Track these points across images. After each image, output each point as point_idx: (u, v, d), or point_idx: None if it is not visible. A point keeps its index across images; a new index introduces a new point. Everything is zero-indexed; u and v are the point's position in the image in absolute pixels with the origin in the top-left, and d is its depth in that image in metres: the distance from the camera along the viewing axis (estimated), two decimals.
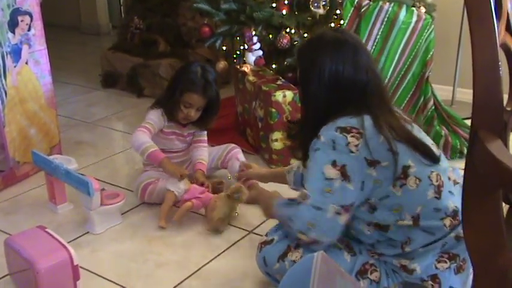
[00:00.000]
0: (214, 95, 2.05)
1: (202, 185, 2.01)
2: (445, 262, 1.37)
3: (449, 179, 1.39)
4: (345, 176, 1.31)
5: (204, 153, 2.19)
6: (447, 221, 1.35)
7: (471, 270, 1.43)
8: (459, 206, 1.26)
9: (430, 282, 1.38)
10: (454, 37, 2.96)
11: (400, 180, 1.32)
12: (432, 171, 1.35)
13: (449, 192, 1.37)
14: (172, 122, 2.12)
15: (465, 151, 2.44)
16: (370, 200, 1.35)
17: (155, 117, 2.08)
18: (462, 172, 1.43)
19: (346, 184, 1.31)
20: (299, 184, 1.81)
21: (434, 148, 1.40)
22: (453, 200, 1.37)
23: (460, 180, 1.39)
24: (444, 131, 2.43)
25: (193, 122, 2.12)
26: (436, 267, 1.37)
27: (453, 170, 1.44)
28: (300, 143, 1.48)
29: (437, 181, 1.35)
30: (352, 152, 1.30)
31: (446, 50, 2.98)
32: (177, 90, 2.03)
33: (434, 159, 1.34)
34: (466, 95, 3.00)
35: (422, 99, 2.36)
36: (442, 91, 2.85)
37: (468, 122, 2.53)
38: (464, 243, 1.34)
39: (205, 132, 2.22)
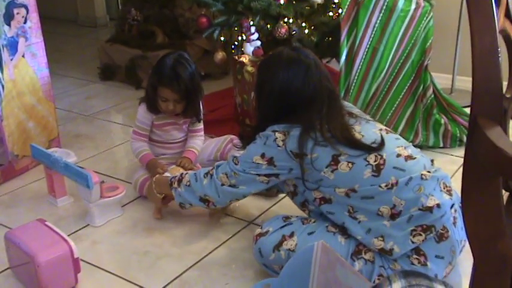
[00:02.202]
0: (188, 86, 1.97)
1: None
2: (420, 235, 1.42)
3: (398, 155, 1.49)
4: (271, 164, 1.55)
5: (197, 141, 2.17)
6: (383, 185, 1.44)
7: (463, 242, 1.47)
8: (405, 178, 1.44)
9: (415, 256, 1.43)
10: (453, 25, 2.94)
11: (331, 166, 1.49)
12: (370, 154, 1.48)
13: (395, 168, 1.47)
14: (161, 114, 2.10)
15: (465, 139, 2.44)
16: (308, 181, 1.54)
17: (141, 117, 2.09)
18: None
19: (272, 168, 1.56)
20: None
21: (378, 136, 1.52)
22: (398, 174, 1.46)
23: (417, 155, 1.53)
24: (444, 119, 2.42)
25: (180, 113, 2.08)
26: (413, 242, 1.42)
27: (406, 147, 1.55)
28: (250, 134, 1.66)
29: (375, 161, 1.47)
30: (279, 146, 1.53)
31: (445, 38, 2.96)
32: (151, 85, 2.02)
33: (368, 150, 1.49)
34: (465, 83, 2.99)
35: (421, 87, 2.35)
36: (441, 79, 2.84)
37: (468, 110, 2.53)
38: (437, 213, 1.41)
39: (201, 124, 2.19)
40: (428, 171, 1.49)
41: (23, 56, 2.22)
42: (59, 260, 1.51)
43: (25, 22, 2.19)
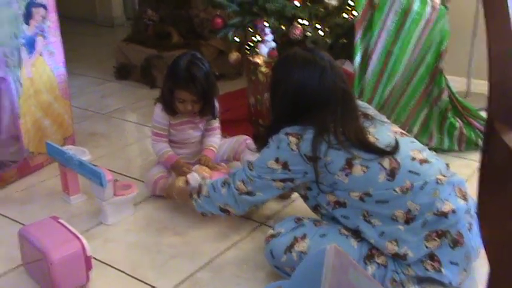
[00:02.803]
0: (204, 87, 1.98)
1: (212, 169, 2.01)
2: (435, 240, 1.41)
3: (413, 159, 1.48)
4: (285, 168, 1.55)
5: (215, 139, 2.17)
6: (398, 189, 1.44)
7: (478, 249, 1.44)
8: (420, 182, 1.43)
9: (429, 261, 1.42)
10: (468, 28, 2.92)
11: (345, 170, 1.49)
12: (384, 158, 1.47)
13: (410, 172, 1.46)
14: (178, 114, 2.10)
15: (480, 143, 2.41)
16: (322, 184, 1.53)
17: (158, 117, 2.09)
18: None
19: (287, 172, 1.55)
20: None
21: (392, 139, 1.51)
22: (411, 178, 1.45)
23: (432, 159, 1.52)
24: (459, 123, 2.40)
25: (197, 112, 2.08)
26: (427, 247, 1.41)
27: (421, 150, 1.54)
28: (262, 142, 1.66)
29: (390, 165, 1.47)
30: (292, 150, 1.52)
31: (461, 40, 2.94)
32: (167, 87, 2.02)
33: (383, 154, 1.48)
34: (480, 86, 2.96)
35: (436, 90, 2.33)
36: (456, 82, 2.81)
37: (483, 114, 2.50)
38: (451, 219, 1.40)
39: (217, 122, 2.19)
40: (444, 176, 1.47)
41: (41, 55, 2.24)
42: (71, 258, 1.52)
43: (44, 21, 2.21)
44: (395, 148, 1.49)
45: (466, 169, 2.21)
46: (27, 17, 2.14)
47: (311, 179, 1.56)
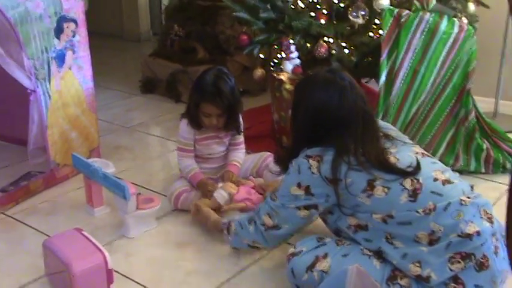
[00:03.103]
0: (230, 101, 2.00)
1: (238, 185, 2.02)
2: (459, 262, 1.38)
3: (435, 180, 1.47)
4: (308, 193, 1.54)
5: (239, 154, 2.18)
6: (421, 211, 1.42)
7: (507, 273, 1.41)
8: (443, 203, 1.41)
9: (453, 284, 1.39)
10: (496, 48, 2.88)
11: (366, 191, 1.48)
12: (405, 178, 1.46)
13: (432, 192, 1.44)
14: (203, 129, 2.11)
15: (508, 165, 2.37)
16: (344, 206, 1.53)
17: (184, 132, 2.10)
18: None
19: (310, 197, 1.54)
20: None
21: (413, 160, 1.50)
22: (434, 199, 1.43)
23: (455, 180, 1.49)
24: (486, 145, 2.36)
25: (222, 126, 2.09)
26: (451, 269, 1.38)
27: (444, 171, 1.52)
28: (284, 165, 1.67)
29: (412, 185, 1.46)
30: (313, 173, 1.52)
31: (489, 61, 2.90)
32: (193, 102, 2.04)
33: (403, 175, 1.47)
34: (509, 107, 2.92)
35: (463, 111, 2.30)
36: (484, 103, 2.77)
37: (511, 136, 2.46)
38: (476, 241, 1.37)
39: (242, 137, 2.20)
40: (468, 197, 1.45)
41: (70, 69, 2.29)
42: (93, 270, 1.54)
43: (74, 36, 2.26)
44: (417, 169, 1.48)
45: (493, 192, 2.17)
46: (58, 31, 2.19)
47: (333, 203, 1.55)
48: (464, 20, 2.32)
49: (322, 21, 2.36)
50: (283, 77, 2.55)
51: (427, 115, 2.30)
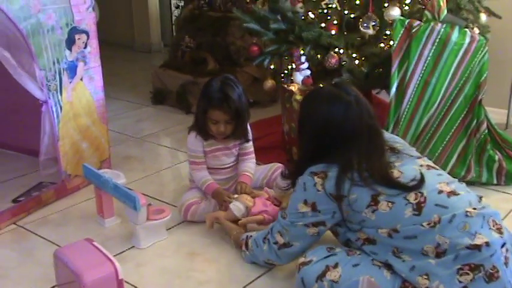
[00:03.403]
0: (238, 106, 1.99)
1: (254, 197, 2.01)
2: (468, 274, 1.36)
3: (440, 192, 1.46)
4: (315, 210, 1.56)
5: (250, 164, 2.18)
6: (425, 224, 1.41)
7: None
8: (447, 216, 1.40)
9: None
10: (509, 59, 2.87)
11: (371, 207, 1.48)
12: (409, 192, 1.46)
13: (437, 205, 1.43)
14: (212, 139, 2.12)
15: None
16: (351, 222, 1.54)
17: (192, 145, 2.11)
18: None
19: (316, 214, 1.56)
20: None
21: (417, 173, 1.49)
22: (439, 211, 1.42)
23: (461, 191, 1.47)
24: (498, 156, 2.34)
25: (230, 135, 2.09)
26: (460, 281, 1.36)
27: (449, 183, 1.51)
28: (292, 181, 1.68)
29: (415, 199, 1.45)
30: (318, 190, 1.53)
31: (501, 72, 2.89)
32: (200, 109, 2.04)
33: (406, 190, 1.46)
34: None
35: (474, 122, 2.28)
36: (496, 114, 2.76)
37: None
38: (486, 252, 1.35)
39: (251, 144, 2.19)
40: (474, 208, 1.43)
41: (81, 80, 2.31)
42: (104, 281, 1.53)
43: (85, 47, 2.29)
44: (421, 182, 1.47)
45: (506, 204, 2.15)
46: (70, 43, 2.21)
47: (339, 219, 1.57)
48: (476, 31, 2.31)
49: (333, 32, 2.36)
50: (293, 88, 2.56)
51: (438, 126, 2.29)
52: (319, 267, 1.54)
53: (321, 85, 1.71)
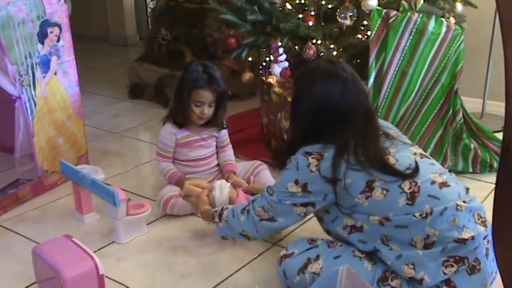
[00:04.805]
0: (221, 87, 2.05)
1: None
2: (452, 266, 1.38)
3: (432, 183, 1.44)
4: (305, 191, 1.50)
5: (229, 152, 2.23)
6: (417, 215, 1.40)
7: (494, 274, 1.43)
8: (439, 208, 1.39)
9: (445, 287, 1.39)
10: (484, 48, 2.91)
11: (365, 193, 1.44)
12: (404, 180, 1.43)
13: (430, 196, 1.42)
14: (187, 130, 2.12)
15: (495, 165, 2.39)
16: (342, 206, 1.49)
17: (164, 139, 2.14)
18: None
19: (307, 195, 1.51)
20: None
21: (412, 161, 1.47)
22: (432, 203, 1.41)
23: (452, 183, 1.47)
24: (473, 144, 2.38)
25: (208, 121, 2.11)
26: (444, 273, 1.38)
27: (442, 174, 1.49)
28: (281, 160, 1.61)
29: (410, 188, 1.42)
30: (312, 171, 1.47)
31: (476, 61, 2.93)
32: (184, 92, 2.05)
33: (402, 177, 1.44)
34: (496, 107, 2.94)
35: (451, 111, 2.31)
36: (471, 103, 2.80)
37: (498, 135, 2.48)
38: (470, 245, 1.37)
39: (227, 136, 2.22)
40: (464, 201, 1.43)
41: (55, 74, 2.27)
42: (84, 276, 1.52)
43: (58, 41, 2.24)
44: (415, 171, 1.45)
45: (481, 191, 2.18)
46: (42, 36, 2.17)
47: (331, 202, 1.51)
48: (452, 20, 2.33)
49: (310, 23, 2.36)
50: (271, 80, 2.55)
51: (416, 116, 2.31)
52: (301, 260, 1.54)
53: (314, 62, 1.63)
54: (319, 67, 1.57)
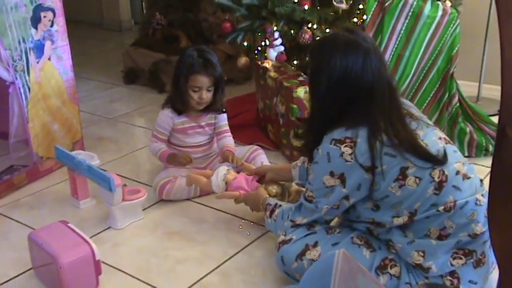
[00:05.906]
0: (218, 71, 2.04)
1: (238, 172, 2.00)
2: (461, 258, 1.38)
3: (457, 173, 1.38)
4: (343, 182, 1.41)
5: (228, 139, 2.20)
6: (441, 209, 1.35)
7: (494, 264, 1.43)
8: (462, 201, 1.34)
9: (449, 277, 1.39)
10: (480, 32, 2.90)
11: (398, 181, 1.36)
12: (435, 168, 1.36)
13: (453, 186, 1.36)
14: (185, 117, 2.12)
15: (490, 148, 2.39)
16: (373, 198, 1.41)
17: (162, 122, 2.13)
18: (475, 167, 1.43)
19: (342, 189, 1.42)
20: (304, 179, 1.81)
21: (440, 147, 1.39)
22: (455, 195, 1.36)
23: (471, 175, 1.41)
24: (469, 128, 2.38)
25: (207, 106, 2.11)
26: (452, 264, 1.38)
27: (464, 164, 1.42)
28: (306, 144, 1.55)
29: (439, 177, 1.35)
30: (347, 161, 1.38)
31: (472, 45, 2.92)
32: (180, 78, 2.04)
33: (436, 163, 1.36)
34: (492, 91, 2.94)
35: (447, 95, 2.31)
36: (467, 87, 2.79)
37: (494, 119, 2.48)
38: (480, 240, 1.36)
39: (226, 122, 2.21)
40: (482, 195, 1.39)
41: (49, 59, 2.25)
42: (80, 262, 1.52)
43: (52, 25, 2.22)
44: (445, 158, 1.36)
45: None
46: (35, 21, 2.15)
47: (365, 194, 1.40)
48: (448, 4, 2.32)
49: (306, 7, 2.34)
50: (267, 64, 2.54)
51: (412, 100, 2.31)
52: (299, 246, 1.52)
53: (332, 32, 1.51)
54: (338, 37, 1.44)
